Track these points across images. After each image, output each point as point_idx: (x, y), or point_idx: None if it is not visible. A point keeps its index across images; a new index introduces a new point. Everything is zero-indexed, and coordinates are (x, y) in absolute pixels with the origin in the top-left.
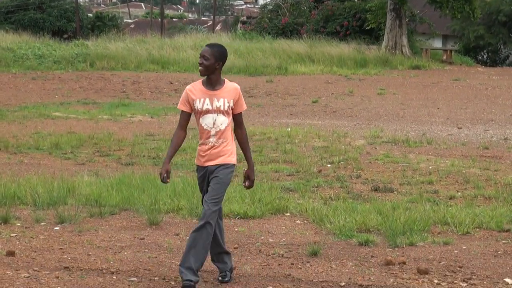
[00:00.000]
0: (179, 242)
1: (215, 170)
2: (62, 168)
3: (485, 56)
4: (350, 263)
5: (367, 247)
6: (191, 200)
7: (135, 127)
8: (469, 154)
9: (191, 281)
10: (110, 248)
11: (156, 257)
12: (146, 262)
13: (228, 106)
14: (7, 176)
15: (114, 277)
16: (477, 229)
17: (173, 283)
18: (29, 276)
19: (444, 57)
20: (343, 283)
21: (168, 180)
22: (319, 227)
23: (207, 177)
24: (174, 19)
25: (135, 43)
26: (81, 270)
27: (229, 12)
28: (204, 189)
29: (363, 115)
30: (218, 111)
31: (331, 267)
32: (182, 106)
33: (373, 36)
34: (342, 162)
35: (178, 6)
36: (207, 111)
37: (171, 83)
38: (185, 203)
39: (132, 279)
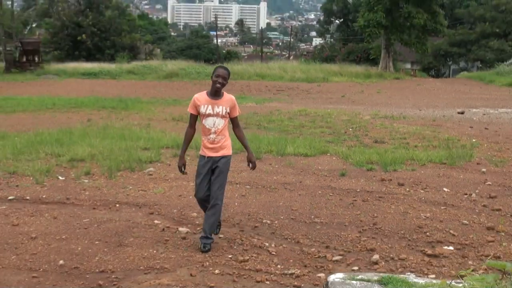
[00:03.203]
0: (271, 168)
1: (218, 160)
2: None
3: (433, 73)
4: (362, 180)
5: (371, 171)
6: (278, 147)
7: (248, 109)
8: (425, 123)
9: (209, 240)
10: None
11: (259, 175)
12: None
13: (225, 112)
14: None
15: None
16: (429, 163)
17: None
18: None
19: (412, 73)
20: (359, 189)
21: (185, 172)
22: (346, 161)
23: (211, 166)
24: (268, 53)
25: (247, 66)
26: None
27: (297, 49)
28: (203, 173)
29: (369, 103)
30: (217, 115)
31: (352, 181)
32: (191, 110)
33: (374, 61)
34: (357, 127)
35: (270, 46)
36: (209, 115)
37: (266, 86)
38: (274, 148)
39: (247, 187)
